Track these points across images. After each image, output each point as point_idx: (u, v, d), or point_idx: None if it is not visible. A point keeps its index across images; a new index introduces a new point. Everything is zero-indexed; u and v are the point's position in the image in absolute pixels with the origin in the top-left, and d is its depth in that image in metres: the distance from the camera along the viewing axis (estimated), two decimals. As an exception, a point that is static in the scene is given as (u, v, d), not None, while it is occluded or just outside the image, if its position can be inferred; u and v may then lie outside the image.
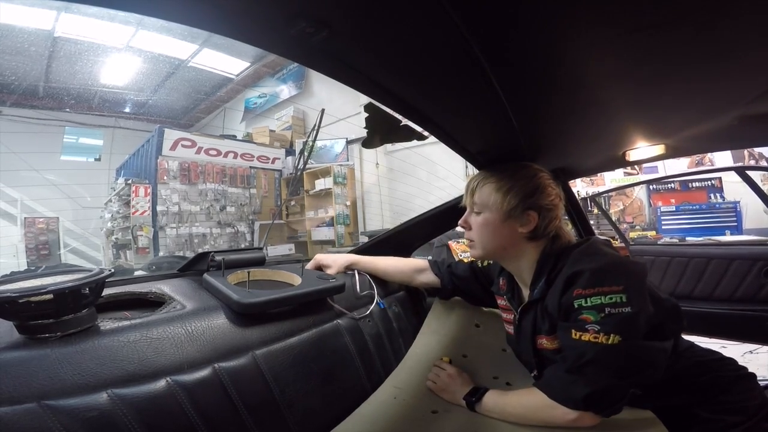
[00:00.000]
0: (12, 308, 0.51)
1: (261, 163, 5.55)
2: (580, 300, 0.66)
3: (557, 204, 0.79)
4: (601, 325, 0.63)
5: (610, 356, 0.63)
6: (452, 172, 4.14)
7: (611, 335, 0.62)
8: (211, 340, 0.65)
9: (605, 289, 0.64)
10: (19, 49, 4.44)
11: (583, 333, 0.64)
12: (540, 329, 0.76)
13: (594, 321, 0.64)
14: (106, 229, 5.27)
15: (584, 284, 0.66)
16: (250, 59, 5.81)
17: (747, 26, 0.46)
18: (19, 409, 0.44)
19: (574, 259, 0.71)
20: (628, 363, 0.63)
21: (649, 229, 3.88)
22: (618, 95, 0.67)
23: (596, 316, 0.64)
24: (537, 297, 0.76)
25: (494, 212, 0.78)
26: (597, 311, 0.64)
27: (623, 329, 0.62)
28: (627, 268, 0.68)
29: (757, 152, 3.54)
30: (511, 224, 0.77)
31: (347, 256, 1.11)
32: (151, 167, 4.60)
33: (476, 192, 0.81)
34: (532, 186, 0.77)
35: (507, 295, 0.87)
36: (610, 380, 0.63)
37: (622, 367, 0.63)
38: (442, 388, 0.86)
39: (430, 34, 0.45)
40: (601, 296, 0.64)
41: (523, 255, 0.79)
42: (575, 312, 0.66)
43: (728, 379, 0.72)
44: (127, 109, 6.07)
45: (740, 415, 0.67)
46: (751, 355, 2.19)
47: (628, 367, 0.63)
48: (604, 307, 0.64)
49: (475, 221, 0.81)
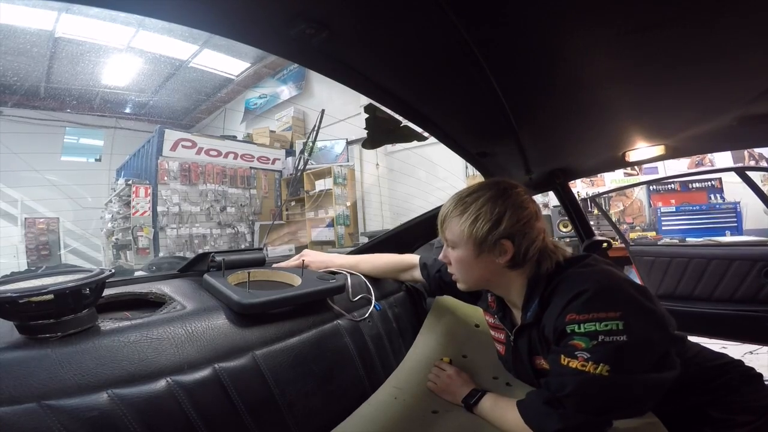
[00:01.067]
0: (12, 308, 0.51)
1: (261, 163, 5.55)
2: (573, 326, 0.62)
3: (533, 225, 0.71)
4: (591, 353, 0.59)
5: (593, 388, 0.59)
6: (452, 172, 4.14)
7: (600, 365, 0.58)
8: (211, 341, 0.65)
9: (600, 315, 0.60)
10: (20, 50, 4.44)
11: (572, 359, 0.61)
12: (537, 351, 0.74)
13: (584, 348, 0.60)
14: (106, 230, 5.27)
15: (578, 309, 0.62)
16: (250, 60, 5.81)
17: (747, 26, 0.46)
18: (19, 409, 0.44)
19: (571, 279, 0.67)
20: (611, 396, 0.60)
21: (649, 229, 3.87)
22: (618, 96, 0.67)
23: (588, 343, 0.60)
24: (531, 320, 0.72)
25: (465, 248, 0.73)
26: (589, 338, 0.60)
27: (614, 360, 0.58)
28: (626, 292, 0.64)
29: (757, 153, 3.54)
30: (486, 257, 0.71)
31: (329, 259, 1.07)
32: (152, 168, 4.61)
33: (445, 226, 0.76)
34: (499, 212, 0.70)
35: (498, 314, 0.83)
36: (587, 417, 0.60)
37: (603, 401, 0.60)
38: (443, 388, 0.85)
39: (430, 36, 0.45)
40: (595, 323, 0.60)
41: (509, 283, 0.75)
42: (567, 337, 0.63)
43: (738, 380, 0.71)
44: (127, 109, 6.07)
45: (750, 415, 0.67)
46: (752, 355, 2.19)
47: (610, 402, 0.60)
48: (598, 334, 0.60)
49: (452, 256, 0.76)
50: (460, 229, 0.72)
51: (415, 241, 1.43)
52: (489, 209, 0.70)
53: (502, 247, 0.70)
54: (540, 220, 0.74)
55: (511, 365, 0.83)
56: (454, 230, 0.74)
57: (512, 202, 0.71)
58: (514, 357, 0.80)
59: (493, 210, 0.70)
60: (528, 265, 0.73)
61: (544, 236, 0.73)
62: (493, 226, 0.70)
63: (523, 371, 0.79)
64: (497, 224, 0.70)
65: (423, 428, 0.76)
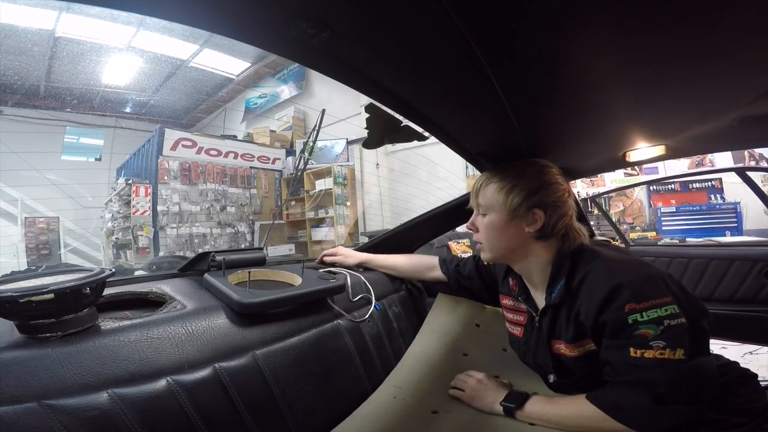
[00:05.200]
0: (13, 308, 0.51)
1: (261, 163, 5.55)
2: (635, 315, 0.61)
3: (566, 201, 0.76)
4: (666, 340, 0.59)
5: (681, 374, 0.59)
6: (452, 172, 4.14)
7: (677, 350, 0.59)
8: (211, 340, 0.65)
9: (658, 302, 0.61)
10: (21, 49, 4.44)
11: (646, 350, 0.60)
12: (560, 335, 0.74)
13: (655, 335, 0.60)
14: (106, 229, 5.27)
15: (635, 298, 0.62)
16: (250, 59, 5.82)
17: (747, 26, 0.46)
18: (19, 408, 0.44)
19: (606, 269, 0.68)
20: (697, 382, 0.60)
21: (649, 229, 3.88)
22: (618, 96, 0.67)
23: (656, 329, 0.60)
24: (556, 301, 0.73)
25: (498, 212, 0.76)
26: (656, 324, 0.60)
27: (684, 341, 0.59)
28: (664, 276, 0.65)
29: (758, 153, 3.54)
30: (516, 224, 0.75)
31: (362, 255, 1.14)
32: (152, 167, 4.61)
33: (480, 193, 0.80)
34: (537, 183, 0.75)
35: (522, 296, 0.84)
36: (688, 407, 0.59)
37: (693, 387, 0.60)
38: (472, 395, 0.81)
39: (431, 35, 0.45)
40: (656, 309, 0.60)
41: (532, 256, 0.77)
42: (630, 328, 0.62)
43: (735, 381, 0.71)
44: (128, 109, 6.08)
45: (744, 417, 0.67)
46: (751, 355, 2.19)
47: (697, 389, 0.60)
48: (663, 319, 0.60)
49: (481, 223, 0.80)
50: (497, 195, 0.76)
51: (415, 241, 1.43)
52: (529, 180, 0.75)
53: (534, 215, 0.74)
54: (572, 197, 0.78)
55: (531, 347, 0.82)
56: (490, 196, 0.78)
57: (549, 177, 0.76)
58: (537, 339, 0.80)
59: (532, 181, 0.75)
60: (553, 239, 0.75)
61: (572, 214, 0.77)
62: (529, 194, 0.74)
63: (542, 354, 0.78)
64: (533, 193, 0.74)
65: (423, 428, 0.76)
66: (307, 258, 1.20)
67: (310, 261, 1.21)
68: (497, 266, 0.97)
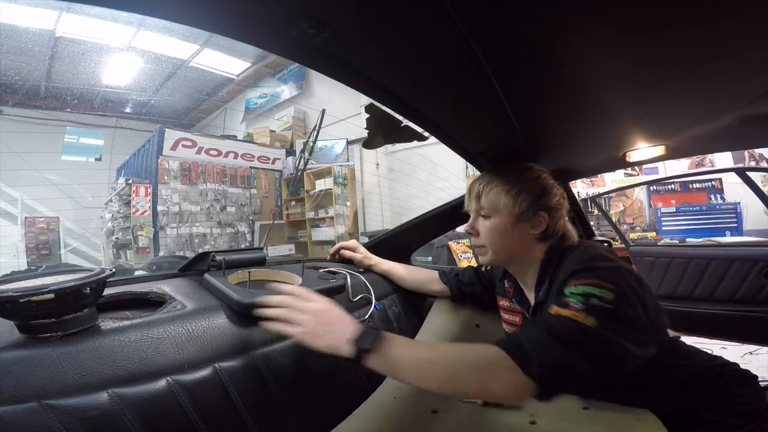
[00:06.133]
0: (13, 308, 0.51)
1: (261, 163, 5.55)
2: (571, 287, 0.64)
3: (563, 203, 0.80)
4: (584, 306, 0.60)
5: (584, 335, 0.59)
6: (452, 172, 4.14)
7: (590, 316, 0.59)
8: (211, 340, 0.65)
9: (598, 283, 0.62)
10: (21, 49, 4.45)
11: (563, 308, 0.61)
12: None
13: (576, 303, 0.61)
14: (106, 229, 5.27)
15: (581, 277, 0.65)
16: (250, 59, 5.82)
17: (747, 26, 0.46)
18: (19, 408, 0.44)
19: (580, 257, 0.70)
20: (596, 349, 0.59)
21: (649, 230, 3.88)
22: (618, 96, 0.67)
23: (581, 300, 0.61)
24: (542, 299, 0.75)
25: (505, 216, 0.77)
26: (584, 297, 0.61)
27: (601, 317, 0.59)
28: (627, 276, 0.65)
29: (758, 153, 3.54)
30: (522, 227, 0.77)
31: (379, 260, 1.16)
32: (152, 167, 4.61)
33: (483, 196, 0.80)
34: (540, 187, 0.78)
35: (516, 297, 0.86)
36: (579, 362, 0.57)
37: (589, 350, 0.58)
38: (312, 330, 0.61)
39: (431, 35, 0.45)
40: (593, 287, 0.62)
41: (530, 257, 0.79)
42: (561, 295, 0.64)
43: (733, 382, 0.71)
44: (128, 109, 6.08)
45: (742, 418, 0.67)
46: (751, 356, 2.19)
47: (593, 355, 0.58)
48: (591, 297, 0.61)
49: (483, 226, 0.80)
50: (504, 199, 0.77)
51: (415, 241, 1.43)
52: (532, 184, 0.78)
53: (539, 218, 0.76)
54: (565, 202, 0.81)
55: None
56: (495, 200, 0.78)
57: (548, 182, 0.80)
58: None
59: (535, 185, 0.78)
60: (552, 240, 0.78)
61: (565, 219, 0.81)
62: (536, 198, 0.76)
63: None
64: (539, 197, 0.77)
65: (423, 428, 0.76)
66: (308, 258, 1.20)
67: (310, 261, 1.21)
68: (494, 270, 0.99)
